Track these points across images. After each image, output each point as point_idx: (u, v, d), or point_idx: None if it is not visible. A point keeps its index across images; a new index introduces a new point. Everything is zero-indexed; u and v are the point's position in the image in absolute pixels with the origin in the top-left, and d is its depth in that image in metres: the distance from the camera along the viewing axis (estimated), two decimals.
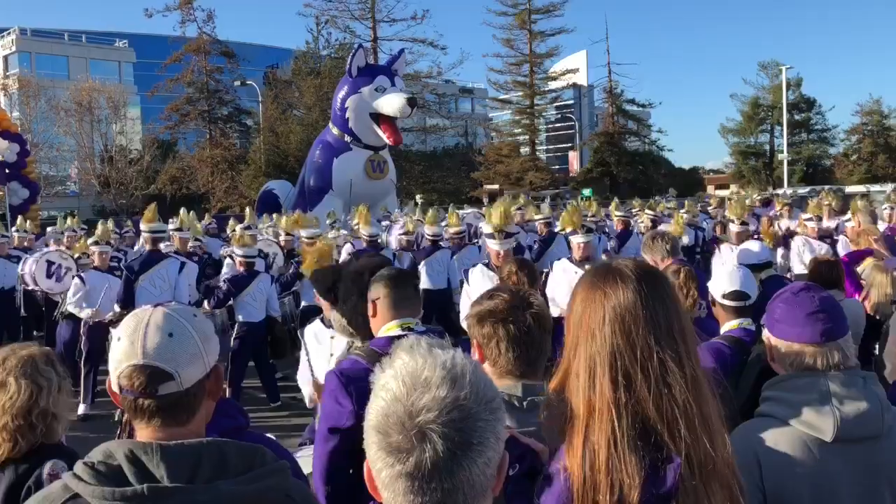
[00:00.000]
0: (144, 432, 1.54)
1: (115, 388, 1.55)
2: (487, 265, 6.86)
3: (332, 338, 4.86)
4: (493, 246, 6.62)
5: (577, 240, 7.54)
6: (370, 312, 2.89)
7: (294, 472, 2.05)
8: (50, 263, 9.93)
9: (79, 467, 1.42)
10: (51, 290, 9.86)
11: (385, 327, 2.81)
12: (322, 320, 5.15)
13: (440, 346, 1.18)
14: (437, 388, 1.09)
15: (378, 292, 2.87)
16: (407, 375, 1.11)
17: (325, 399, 2.70)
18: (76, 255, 10.02)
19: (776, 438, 1.92)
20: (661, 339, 1.52)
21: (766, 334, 2.16)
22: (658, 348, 1.51)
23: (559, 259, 7.86)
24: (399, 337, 2.70)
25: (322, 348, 4.90)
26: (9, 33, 54.81)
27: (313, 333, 5.14)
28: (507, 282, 4.23)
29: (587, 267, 6.87)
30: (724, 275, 3.44)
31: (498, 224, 6.55)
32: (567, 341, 1.63)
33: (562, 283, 7.08)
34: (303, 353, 5.01)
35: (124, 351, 1.52)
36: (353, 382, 2.58)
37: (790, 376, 2.02)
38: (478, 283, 6.66)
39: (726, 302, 3.37)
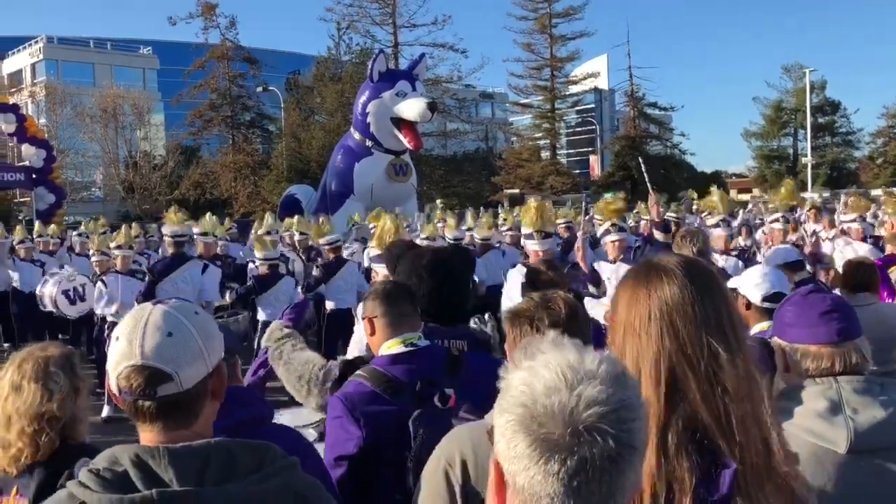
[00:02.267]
0: (148, 435, 1.50)
1: (115, 390, 1.51)
2: (527, 265, 6.85)
3: None
4: (532, 246, 6.60)
5: (611, 238, 7.43)
6: (368, 331, 2.78)
7: (312, 467, 2.03)
8: (66, 293, 9.90)
9: (83, 475, 1.38)
10: (82, 312, 9.87)
11: (386, 345, 2.68)
12: None
13: (575, 346, 1.08)
14: (603, 383, 1.00)
15: (373, 309, 2.76)
16: (566, 366, 1.01)
17: (330, 426, 2.56)
18: (92, 255, 10.07)
19: None
20: (711, 334, 1.46)
21: (776, 342, 2.06)
22: (708, 343, 1.45)
23: (596, 262, 7.82)
24: (403, 354, 2.63)
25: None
26: (36, 42, 55.59)
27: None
28: (536, 283, 4.18)
29: (621, 264, 6.85)
30: (758, 277, 3.34)
31: (535, 224, 6.55)
32: (612, 343, 1.58)
33: (607, 278, 7.02)
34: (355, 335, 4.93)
35: (122, 351, 1.48)
36: (359, 407, 2.47)
37: (800, 385, 1.91)
38: (517, 284, 6.64)
39: (765, 304, 3.26)
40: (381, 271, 5.07)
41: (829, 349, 1.91)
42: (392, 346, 2.66)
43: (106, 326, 8.79)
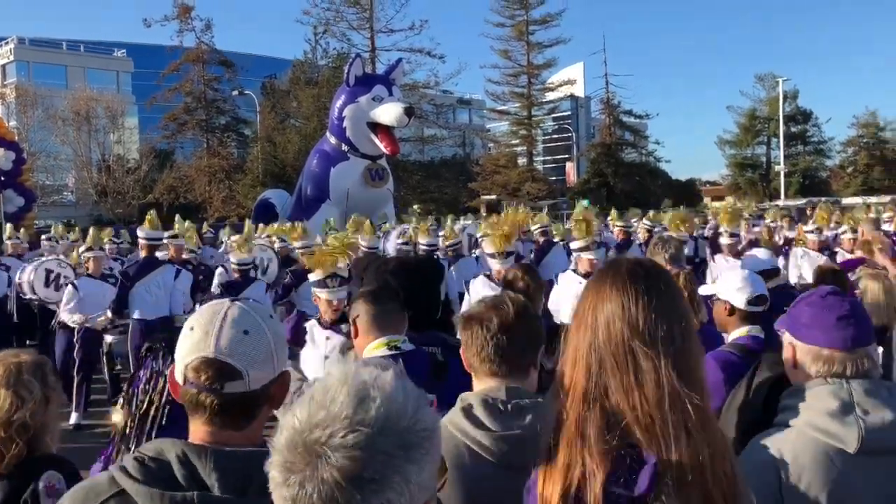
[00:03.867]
0: (199, 431, 1.47)
1: (179, 379, 1.48)
2: (489, 276, 6.82)
3: (327, 338, 4.80)
4: (494, 265, 6.65)
5: (587, 256, 7.44)
6: (353, 333, 2.78)
7: None
8: (48, 272, 9.81)
9: (129, 462, 1.35)
10: (49, 298, 9.72)
11: (370, 346, 2.68)
12: (319, 321, 5.07)
13: (380, 366, 1.05)
14: (338, 405, 0.96)
15: (358, 310, 2.75)
16: (319, 391, 1.00)
17: None
18: (74, 264, 9.94)
19: (796, 449, 1.83)
20: (638, 340, 1.50)
21: (788, 339, 2.06)
22: (631, 349, 1.49)
23: (564, 271, 7.81)
24: (387, 357, 2.61)
25: (316, 349, 4.83)
26: (7, 42, 54.87)
27: (309, 332, 5.06)
28: (514, 286, 4.17)
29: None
30: (740, 281, 3.33)
31: (500, 248, 6.60)
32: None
33: (567, 294, 7.01)
34: (305, 350, 4.91)
35: (196, 342, 1.46)
36: None
37: (811, 384, 1.93)
38: (479, 295, 6.62)
39: (750, 308, 3.27)
40: (322, 295, 5.01)
41: (843, 354, 1.92)
42: (376, 349, 2.65)
43: (76, 332, 8.60)
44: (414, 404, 1.02)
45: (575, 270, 7.47)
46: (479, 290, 6.70)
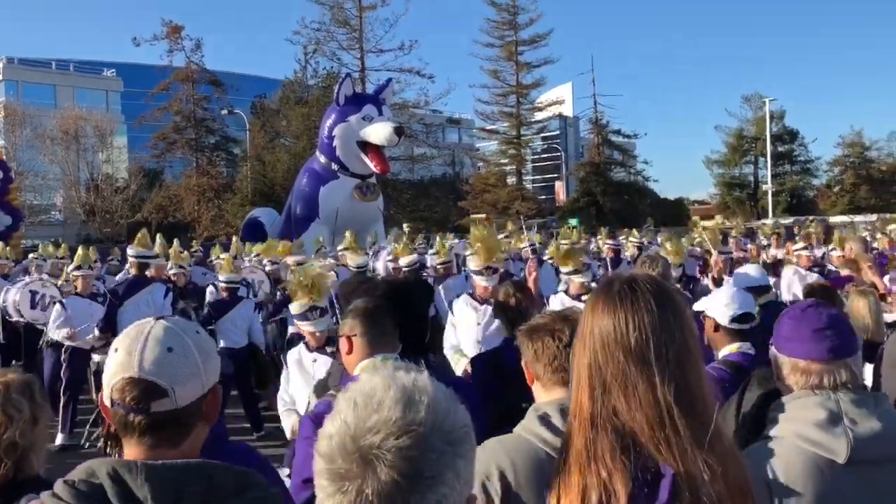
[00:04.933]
0: (133, 451, 1.46)
1: (107, 402, 1.47)
2: (472, 295, 6.77)
3: (314, 361, 4.77)
4: (479, 281, 6.61)
5: (578, 279, 7.46)
6: (345, 349, 2.75)
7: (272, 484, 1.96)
8: (34, 293, 9.71)
9: (59, 486, 1.33)
10: (36, 320, 9.62)
11: (361, 365, 2.66)
12: (306, 345, 5.05)
13: (407, 370, 1.08)
14: (388, 409, 0.99)
15: (353, 328, 2.73)
16: (360, 396, 1.02)
17: (298, 447, 2.53)
18: (59, 283, 9.87)
19: (786, 460, 1.83)
20: (630, 360, 1.52)
21: (773, 352, 2.09)
22: (628, 368, 1.51)
23: (555, 293, 7.83)
24: None
25: (304, 374, 4.81)
26: None
27: (296, 356, 5.04)
28: (506, 303, 4.16)
29: (584, 300, 6.87)
30: (726, 298, 3.35)
31: (485, 261, 6.55)
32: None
33: None
34: (283, 378, 4.92)
35: (120, 362, 1.45)
36: None
37: (798, 395, 1.94)
38: (462, 314, 6.59)
39: (734, 325, 3.28)
40: (305, 328, 4.99)
41: (819, 366, 1.93)
42: (368, 367, 2.62)
43: (63, 351, 8.54)
44: (453, 403, 1.06)
45: (566, 292, 7.48)
46: (462, 309, 6.64)
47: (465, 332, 6.46)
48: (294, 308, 5.02)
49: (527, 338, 2.28)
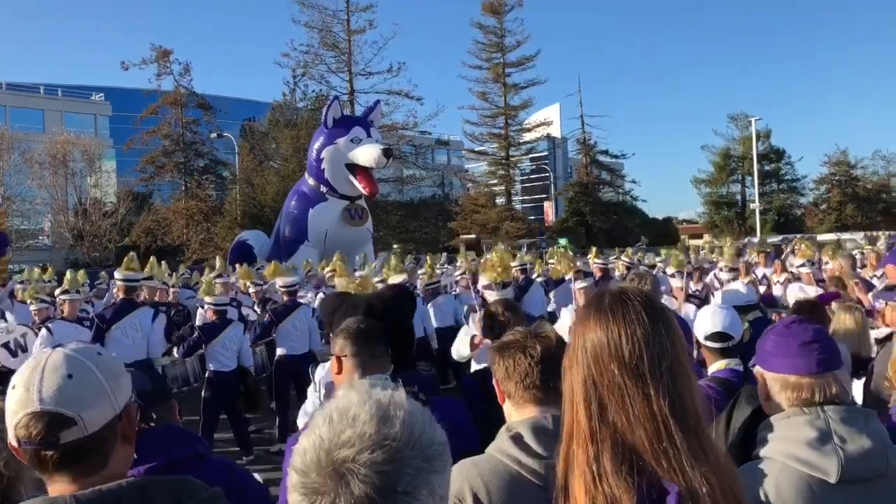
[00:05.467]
0: (57, 486, 1.39)
1: (14, 443, 1.39)
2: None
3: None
4: (490, 297, 6.74)
5: (579, 286, 7.56)
6: (335, 369, 2.73)
7: (255, 496, 1.94)
8: (5, 346, 9.54)
9: None
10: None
11: (343, 387, 2.65)
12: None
13: (385, 386, 1.07)
14: (362, 424, 0.98)
15: (343, 348, 2.71)
16: (335, 411, 1.01)
17: (285, 470, 2.53)
18: (28, 301, 9.78)
19: (777, 481, 1.81)
20: (624, 374, 1.50)
21: (758, 371, 2.07)
22: (622, 382, 1.50)
23: (566, 306, 7.96)
24: None
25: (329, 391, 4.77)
26: None
27: (323, 375, 5.02)
28: (492, 323, 4.17)
29: None
30: (707, 316, 3.40)
31: (498, 277, 6.67)
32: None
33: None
34: (311, 390, 4.85)
35: (19, 399, 1.37)
36: None
37: (787, 414, 1.92)
38: (475, 329, 6.68)
39: (709, 343, 3.32)
40: None
41: (809, 380, 1.92)
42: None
43: None
44: (428, 419, 1.06)
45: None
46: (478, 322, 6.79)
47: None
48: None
49: (498, 355, 2.23)
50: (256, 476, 2.51)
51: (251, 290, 11.71)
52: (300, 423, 5.07)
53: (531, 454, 1.97)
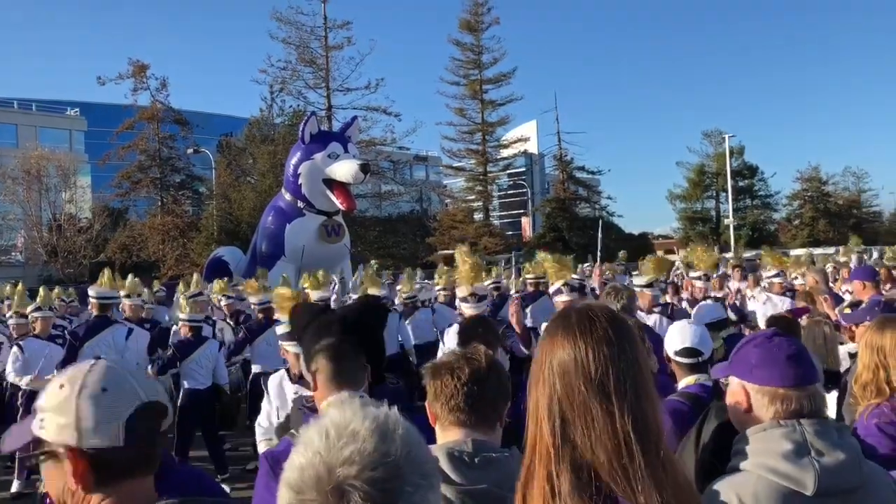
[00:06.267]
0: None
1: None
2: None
3: (295, 393, 4.73)
4: (466, 310, 6.76)
5: (562, 299, 7.57)
6: (312, 385, 2.75)
7: None
8: None
9: None
10: None
11: (328, 401, 2.63)
12: (288, 371, 5.00)
13: (375, 405, 1.07)
14: (363, 440, 0.97)
15: (318, 365, 2.71)
16: (332, 427, 0.99)
17: (257, 484, 2.50)
18: (7, 315, 9.69)
19: (755, 493, 1.83)
20: (590, 391, 1.52)
21: (739, 384, 2.07)
22: (588, 399, 1.51)
23: (538, 322, 7.99)
24: None
25: (284, 403, 4.77)
26: None
27: (278, 383, 4.99)
28: (467, 338, 4.18)
29: None
30: (676, 331, 3.44)
31: (470, 283, 6.69)
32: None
33: None
34: (265, 402, 4.85)
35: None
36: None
37: (763, 427, 1.94)
38: (453, 343, 6.66)
39: (679, 359, 3.36)
40: (290, 349, 4.96)
41: (798, 392, 1.95)
42: (334, 403, 2.58)
43: (20, 394, 8.37)
44: (421, 437, 1.05)
45: None
46: (454, 339, 6.74)
47: None
48: (280, 328, 5.00)
49: (430, 376, 2.17)
50: (226, 488, 2.51)
51: (223, 303, 11.66)
52: (258, 434, 5.06)
53: (445, 480, 1.89)
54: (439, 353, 6.89)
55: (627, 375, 1.54)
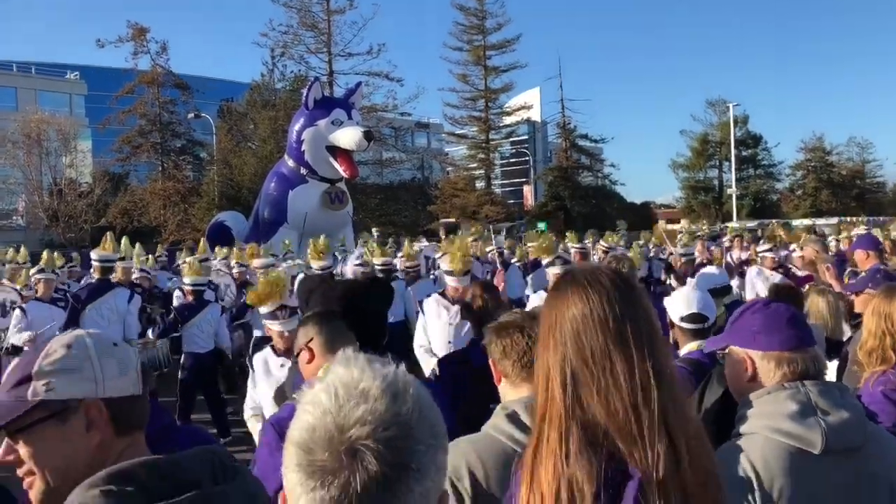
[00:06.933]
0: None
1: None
2: (443, 294, 6.83)
3: (281, 366, 4.74)
4: (451, 283, 6.70)
5: (554, 270, 7.59)
6: (305, 358, 2.73)
7: None
8: None
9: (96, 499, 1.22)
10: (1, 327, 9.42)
11: (323, 368, 2.56)
12: (273, 348, 5.01)
13: (381, 362, 1.04)
14: (374, 400, 0.95)
15: (310, 334, 2.72)
16: (340, 386, 0.97)
17: (260, 452, 2.50)
18: (20, 287, 9.70)
19: (763, 455, 1.85)
20: (609, 340, 1.50)
21: (741, 352, 2.07)
22: (606, 349, 1.50)
23: (536, 292, 7.97)
24: None
25: (271, 378, 4.77)
26: None
27: (263, 360, 5.00)
28: (472, 304, 4.20)
29: None
30: (681, 297, 3.44)
31: (460, 268, 6.66)
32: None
33: None
34: (250, 382, 4.87)
35: None
36: None
37: (767, 390, 1.96)
38: (433, 314, 6.64)
39: (684, 325, 3.36)
40: (274, 328, 4.96)
41: (801, 354, 1.97)
42: (340, 359, 2.58)
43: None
44: (431, 397, 1.03)
45: (546, 289, 7.61)
46: (433, 308, 6.71)
47: (436, 332, 6.52)
48: (263, 308, 5.00)
49: (495, 335, 2.25)
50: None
51: (234, 271, 11.64)
52: (246, 415, 5.06)
53: (525, 430, 2.00)
54: (417, 325, 6.90)
55: (642, 322, 1.53)
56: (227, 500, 1.26)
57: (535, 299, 7.35)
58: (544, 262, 8.16)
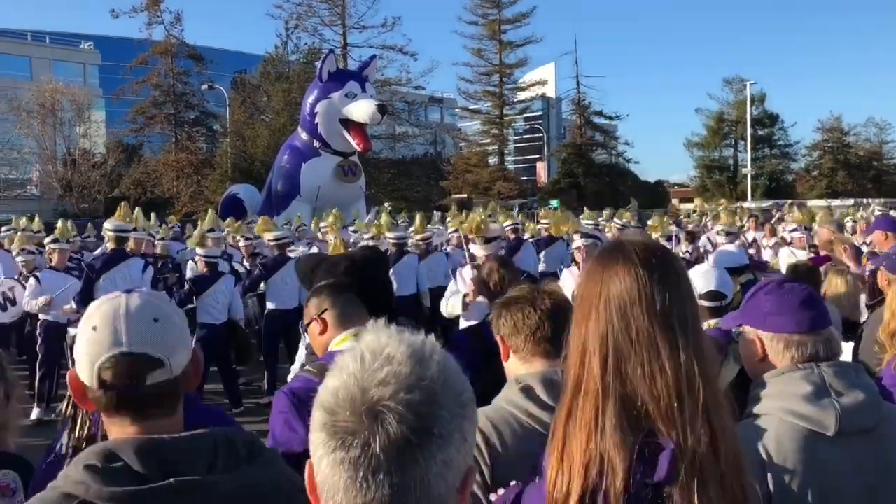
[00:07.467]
0: (129, 429, 1.42)
1: (92, 383, 1.41)
2: (477, 267, 6.87)
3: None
4: (479, 252, 6.80)
5: (578, 243, 7.63)
6: (318, 330, 2.69)
7: None
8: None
9: (78, 473, 1.27)
10: (15, 316, 9.44)
11: (336, 340, 2.59)
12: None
13: (410, 332, 1.03)
14: (399, 364, 0.95)
15: (321, 304, 2.68)
16: (367, 351, 0.97)
17: (274, 421, 2.46)
18: (15, 252, 9.79)
19: (777, 436, 1.83)
20: (656, 322, 1.47)
21: (753, 332, 2.06)
22: (652, 331, 1.46)
23: (561, 268, 8.04)
24: None
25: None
26: None
27: None
28: (488, 280, 4.18)
29: None
30: (699, 275, 3.42)
31: (479, 232, 6.72)
32: (574, 318, 1.61)
33: (570, 288, 7.11)
34: (301, 344, 4.84)
35: (102, 341, 1.39)
36: (306, 404, 2.40)
37: (781, 371, 1.94)
38: (467, 282, 6.67)
39: (702, 302, 3.33)
40: None
41: (813, 336, 1.95)
42: (343, 342, 2.54)
43: (38, 325, 8.49)
44: (458, 366, 1.02)
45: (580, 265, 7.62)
46: (467, 277, 6.76)
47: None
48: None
49: (504, 310, 2.21)
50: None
51: (241, 244, 11.68)
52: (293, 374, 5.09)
53: (541, 406, 2.00)
54: (447, 292, 6.93)
55: (688, 307, 1.51)
56: (211, 491, 1.28)
57: (568, 276, 7.34)
58: (565, 237, 8.13)
